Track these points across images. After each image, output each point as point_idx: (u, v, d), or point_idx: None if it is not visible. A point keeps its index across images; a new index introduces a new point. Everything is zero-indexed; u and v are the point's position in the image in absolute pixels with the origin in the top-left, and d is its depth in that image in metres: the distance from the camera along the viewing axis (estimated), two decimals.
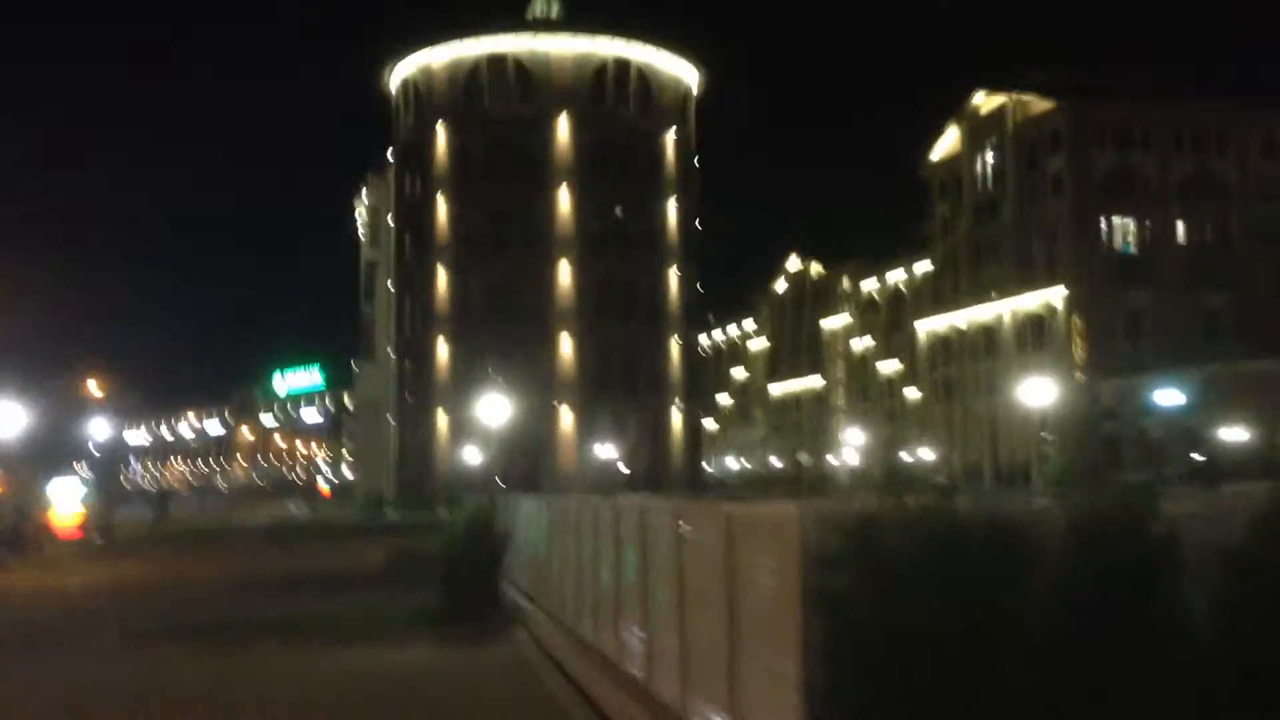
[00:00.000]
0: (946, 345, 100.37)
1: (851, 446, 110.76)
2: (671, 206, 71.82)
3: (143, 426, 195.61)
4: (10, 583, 30.29)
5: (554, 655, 13.98)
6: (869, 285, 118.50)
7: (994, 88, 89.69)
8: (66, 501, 49.92)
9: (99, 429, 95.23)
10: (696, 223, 74.99)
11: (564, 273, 68.41)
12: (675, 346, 71.49)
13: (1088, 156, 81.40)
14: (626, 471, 65.43)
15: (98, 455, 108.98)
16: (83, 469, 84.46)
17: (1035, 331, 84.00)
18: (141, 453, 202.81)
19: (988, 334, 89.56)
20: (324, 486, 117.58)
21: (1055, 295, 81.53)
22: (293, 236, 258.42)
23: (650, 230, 70.65)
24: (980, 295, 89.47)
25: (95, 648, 17.62)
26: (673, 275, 71.55)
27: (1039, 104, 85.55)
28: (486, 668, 15.17)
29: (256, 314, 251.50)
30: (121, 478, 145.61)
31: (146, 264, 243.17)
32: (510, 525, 19.16)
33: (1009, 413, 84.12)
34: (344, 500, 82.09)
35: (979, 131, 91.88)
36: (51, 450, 66.08)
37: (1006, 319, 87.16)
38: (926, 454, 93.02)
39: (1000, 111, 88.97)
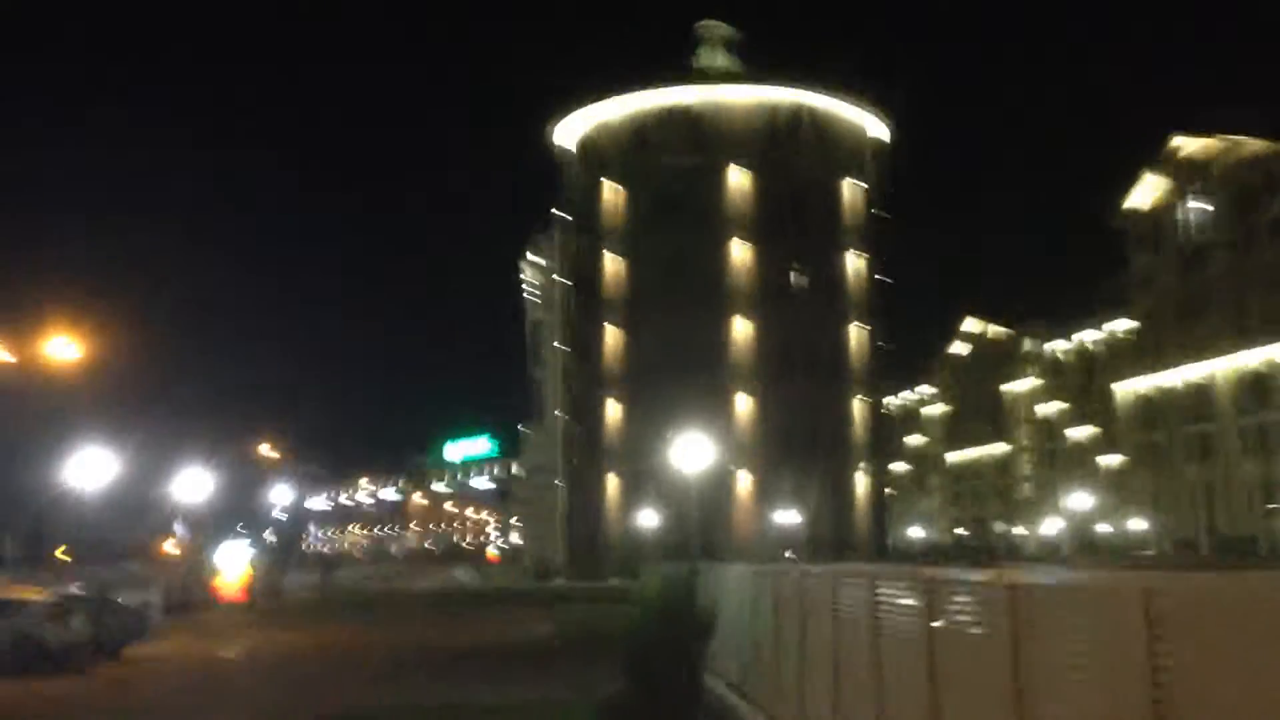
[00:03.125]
0: (1151, 407, 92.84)
1: (1044, 516, 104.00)
2: (851, 259, 67.85)
3: (323, 494, 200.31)
4: (160, 652, 28.26)
5: None
6: (1056, 346, 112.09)
7: (1193, 131, 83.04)
8: (233, 565, 48.92)
9: (279, 495, 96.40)
10: (877, 277, 70.76)
11: (739, 329, 65.07)
12: (858, 406, 67.04)
13: None
14: (795, 536, 61.04)
15: (276, 521, 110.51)
16: (259, 534, 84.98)
17: (1256, 390, 76.24)
18: (321, 519, 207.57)
19: (1199, 394, 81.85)
20: (493, 553, 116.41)
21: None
22: (464, 301, 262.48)
23: (830, 284, 66.73)
24: (1190, 353, 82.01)
25: None
26: (854, 332, 67.34)
27: (1250, 144, 78.52)
28: None
29: (429, 381, 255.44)
30: (303, 544, 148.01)
31: (322, 336, 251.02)
32: (713, 600, 15.63)
33: (1228, 478, 76.57)
34: (513, 567, 79.91)
35: (1182, 176, 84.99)
36: (230, 516, 66.18)
37: (1221, 378, 79.51)
38: (1125, 524, 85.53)
39: (1206, 154, 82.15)
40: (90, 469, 45.15)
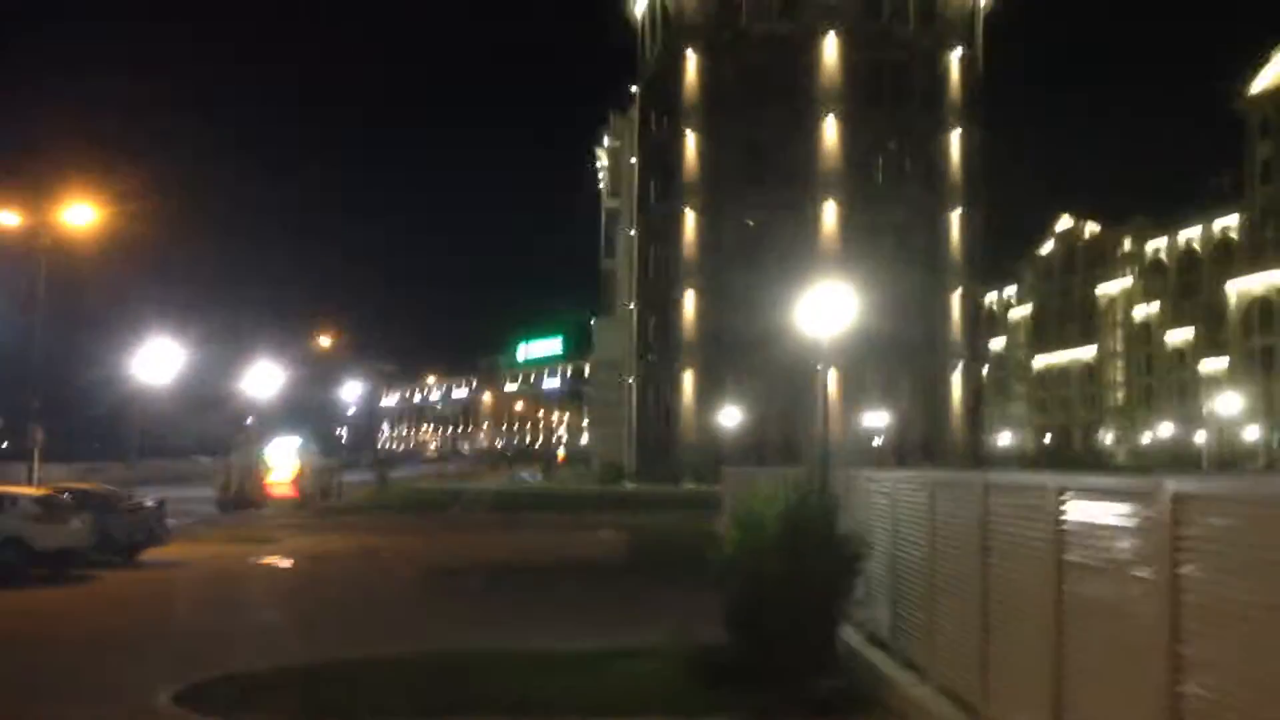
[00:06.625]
0: (1266, 309, 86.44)
1: (1138, 423, 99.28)
2: (954, 139, 61.80)
3: (396, 392, 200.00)
4: (180, 556, 24.84)
5: None
6: (1157, 244, 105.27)
7: None
8: (284, 462, 45.88)
9: (349, 392, 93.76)
10: (981, 159, 64.65)
11: (829, 216, 59.81)
12: (956, 302, 61.68)
13: None
14: (879, 440, 56.39)
15: (349, 418, 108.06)
16: (328, 431, 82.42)
17: None
18: (395, 415, 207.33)
19: None
20: (561, 454, 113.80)
21: None
22: (535, 192, 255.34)
23: (929, 166, 60.97)
24: None
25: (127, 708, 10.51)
26: (954, 219, 61.67)
27: None
28: None
29: (502, 281, 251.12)
30: (376, 442, 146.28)
31: (388, 231, 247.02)
32: (858, 525, 11.23)
33: None
34: (582, 469, 76.53)
35: None
36: (300, 413, 63.36)
37: None
38: (1235, 433, 79.59)
39: None
40: (157, 361, 42.04)
